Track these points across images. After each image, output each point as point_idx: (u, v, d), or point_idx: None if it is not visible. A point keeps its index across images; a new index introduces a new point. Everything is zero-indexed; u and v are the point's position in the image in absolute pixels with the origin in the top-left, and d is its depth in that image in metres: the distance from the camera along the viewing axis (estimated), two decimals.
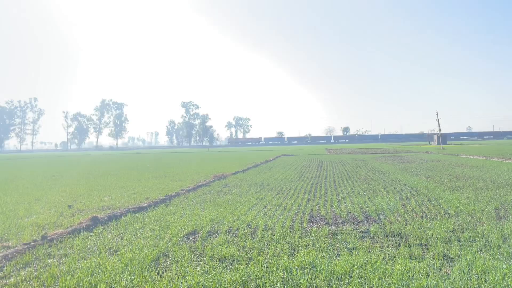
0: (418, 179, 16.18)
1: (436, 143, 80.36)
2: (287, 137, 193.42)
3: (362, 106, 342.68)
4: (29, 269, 5.81)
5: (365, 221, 8.49)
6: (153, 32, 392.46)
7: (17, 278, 5.38)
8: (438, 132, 65.89)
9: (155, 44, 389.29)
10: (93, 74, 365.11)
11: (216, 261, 5.92)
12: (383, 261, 5.67)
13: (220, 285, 4.93)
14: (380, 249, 6.33)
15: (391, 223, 8.16)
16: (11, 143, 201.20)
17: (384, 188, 13.73)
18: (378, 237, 7.10)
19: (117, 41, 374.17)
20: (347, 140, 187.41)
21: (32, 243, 7.06)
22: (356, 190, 13.46)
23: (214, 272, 5.37)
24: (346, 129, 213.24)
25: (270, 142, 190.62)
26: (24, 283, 5.17)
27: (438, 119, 61.68)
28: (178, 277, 5.24)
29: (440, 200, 10.71)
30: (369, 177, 17.62)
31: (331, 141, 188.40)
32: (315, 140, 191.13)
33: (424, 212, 9.20)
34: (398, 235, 7.20)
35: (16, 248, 6.82)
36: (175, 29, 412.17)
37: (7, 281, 5.31)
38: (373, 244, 6.68)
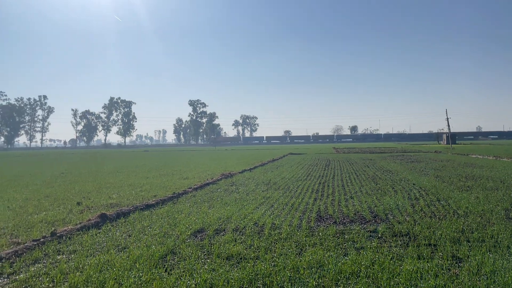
0: (427, 178, 16.05)
1: (445, 143, 79.69)
2: (266, 137, 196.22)
3: (370, 105, 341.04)
4: (39, 265, 5.87)
5: (373, 221, 8.44)
6: (161, 30, 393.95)
7: (27, 274, 5.44)
8: (447, 132, 65.32)
9: (164, 43, 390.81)
10: (102, 72, 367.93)
11: (223, 259, 5.93)
12: (391, 261, 5.64)
13: (228, 283, 4.93)
14: (388, 249, 6.29)
15: (399, 223, 8.11)
16: (21, 140, 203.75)
17: (392, 187, 13.65)
18: (386, 237, 7.06)
19: (125, 39, 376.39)
20: (327, 140, 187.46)
21: (41, 240, 7.13)
22: (364, 189, 13.40)
23: (222, 270, 5.38)
24: (354, 128, 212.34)
25: (254, 142, 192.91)
26: (34, 279, 5.22)
27: (448, 118, 61.13)
28: (186, 275, 5.26)
29: (449, 200, 10.61)
30: (377, 177, 17.52)
31: (310, 140, 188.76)
32: (293, 139, 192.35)
33: (433, 212, 9.12)
34: (407, 235, 7.15)
35: (26, 244, 6.89)
36: (183, 28, 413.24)
37: (17, 277, 5.37)
38: (381, 243, 6.64)
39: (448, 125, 61.71)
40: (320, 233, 7.36)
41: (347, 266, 5.38)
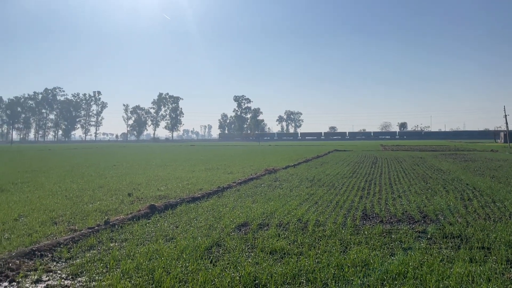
0: (481, 179, 15.22)
1: (502, 141, 74.97)
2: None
3: (421, 101, 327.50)
4: (93, 251, 6.23)
5: (422, 221, 8.15)
6: (207, 28, 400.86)
7: (83, 259, 5.79)
8: (506, 129, 61.42)
9: (210, 40, 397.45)
10: (151, 69, 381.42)
11: (267, 254, 5.98)
12: (441, 263, 5.43)
13: (271, 277, 4.98)
14: (438, 251, 6.06)
15: (450, 224, 7.77)
16: (77, 133, 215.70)
17: (444, 187, 13.08)
18: (436, 238, 6.80)
19: (173, 38, 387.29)
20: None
21: (96, 228, 7.55)
22: (413, 188, 12.94)
23: (265, 264, 5.44)
24: (403, 125, 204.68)
25: (265, 138, 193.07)
26: (89, 264, 5.55)
27: (506, 115, 57.49)
28: (230, 267, 5.37)
29: (506, 202, 10.01)
30: (427, 176, 16.86)
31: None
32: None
33: (488, 214, 8.65)
34: (458, 237, 6.84)
35: (82, 231, 7.33)
36: (227, 25, 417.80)
37: (74, 261, 5.74)
38: (430, 245, 6.41)
39: (506, 123, 58.06)
40: (366, 232, 7.22)
41: (393, 266, 5.25)
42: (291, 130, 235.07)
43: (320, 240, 6.68)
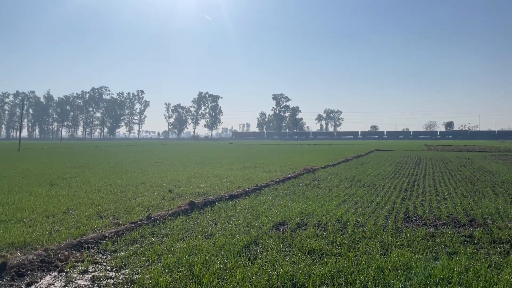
0: None
1: None
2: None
3: (468, 100, 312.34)
4: (136, 245, 6.44)
5: (469, 225, 7.79)
6: (245, 26, 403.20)
7: (126, 252, 6.00)
8: None
9: (248, 38, 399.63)
10: (192, 68, 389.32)
11: (305, 253, 5.94)
12: (489, 269, 5.16)
13: (309, 277, 4.94)
14: (485, 256, 5.77)
15: (499, 229, 7.37)
16: (121, 131, 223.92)
17: (493, 190, 12.42)
18: (483, 243, 6.48)
19: (211, 37, 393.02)
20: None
21: (138, 222, 7.81)
22: (459, 190, 12.38)
23: (303, 264, 5.40)
24: (449, 124, 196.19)
25: (274, 137, 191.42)
26: (132, 257, 5.75)
27: None
28: (268, 265, 5.38)
29: None
30: (475, 178, 16.07)
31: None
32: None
33: None
34: (508, 243, 6.48)
35: (125, 225, 7.60)
36: (265, 24, 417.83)
37: (118, 254, 5.96)
38: (477, 250, 6.11)
39: None
40: (408, 235, 7.00)
41: (437, 271, 5.05)
42: (330, 129, 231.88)
43: (360, 242, 6.54)
